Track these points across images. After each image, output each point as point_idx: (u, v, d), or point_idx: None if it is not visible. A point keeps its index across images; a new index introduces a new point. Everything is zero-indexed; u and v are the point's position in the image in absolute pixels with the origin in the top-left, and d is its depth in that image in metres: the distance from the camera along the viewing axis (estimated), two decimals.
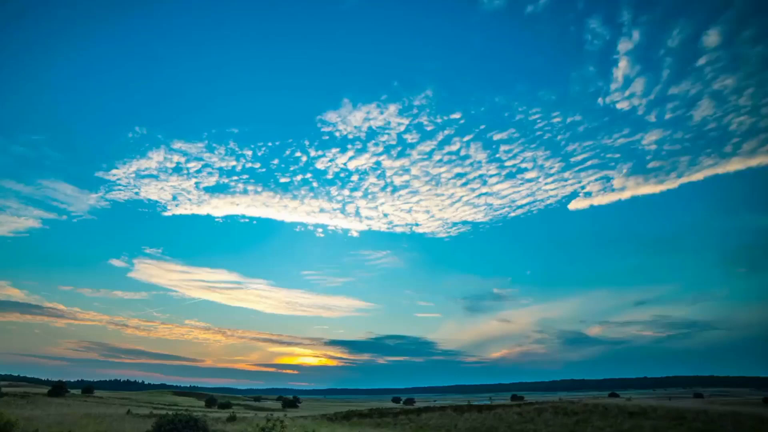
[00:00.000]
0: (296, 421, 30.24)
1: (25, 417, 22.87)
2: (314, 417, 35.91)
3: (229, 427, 24.12)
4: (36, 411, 28.90)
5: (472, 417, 29.79)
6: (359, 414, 36.33)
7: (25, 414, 25.17)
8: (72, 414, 27.94)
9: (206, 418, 22.82)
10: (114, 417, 27.63)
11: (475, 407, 35.33)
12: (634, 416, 26.21)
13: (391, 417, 33.08)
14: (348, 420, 33.20)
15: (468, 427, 27.22)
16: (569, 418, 27.20)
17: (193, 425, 17.53)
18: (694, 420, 24.32)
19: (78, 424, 22.22)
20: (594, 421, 25.67)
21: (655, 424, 23.80)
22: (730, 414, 25.64)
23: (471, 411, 32.48)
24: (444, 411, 33.82)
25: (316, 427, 26.56)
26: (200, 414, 28.01)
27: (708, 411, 26.89)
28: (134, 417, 28.61)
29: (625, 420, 25.28)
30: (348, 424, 31.09)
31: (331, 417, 35.31)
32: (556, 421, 26.64)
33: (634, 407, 29.14)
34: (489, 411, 31.85)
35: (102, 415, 28.64)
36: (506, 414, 29.83)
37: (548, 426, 25.52)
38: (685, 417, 25.08)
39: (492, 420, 28.32)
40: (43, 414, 26.61)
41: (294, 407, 65.45)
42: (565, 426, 25.18)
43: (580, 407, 30.14)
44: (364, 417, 34.55)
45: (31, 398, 39.78)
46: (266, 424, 17.00)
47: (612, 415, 27.02)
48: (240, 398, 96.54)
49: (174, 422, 17.21)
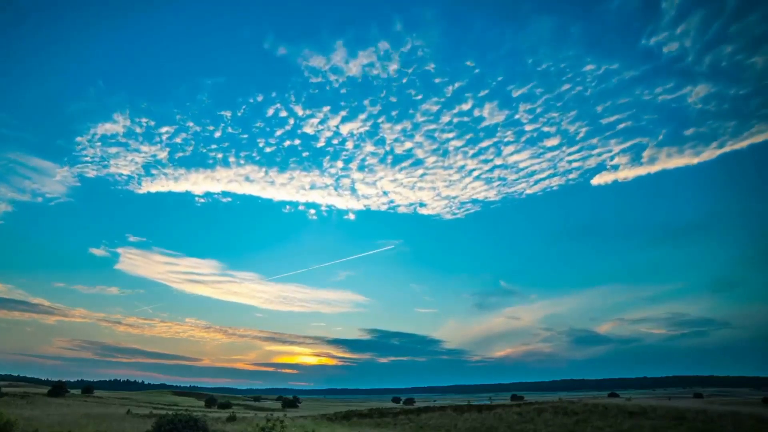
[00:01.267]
0: (296, 421, 30.24)
1: (25, 417, 22.86)
2: (314, 417, 35.91)
3: (229, 427, 24.11)
4: (36, 411, 28.88)
5: (472, 417, 29.79)
6: (359, 414, 36.34)
7: (24, 414, 25.16)
8: (72, 414, 27.95)
9: (206, 418, 22.81)
10: (114, 417, 27.63)
11: (475, 407, 35.33)
12: (634, 416, 26.22)
13: (391, 417, 33.09)
14: (348, 420, 33.21)
15: (468, 427, 27.23)
16: (569, 418, 27.21)
17: (193, 425, 17.53)
18: (693, 420, 24.33)
19: (78, 424, 22.21)
20: (594, 421, 25.68)
21: (655, 424, 23.81)
22: (729, 414, 25.64)
23: (471, 411, 32.49)
24: (444, 411, 33.82)
25: (316, 427, 26.57)
26: (200, 414, 28.01)
27: (708, 411, 26.89)
28: (134, 417, 28.61)
29: (625, 420, 25.29)
30: (348, 424, 31.10)
31: (331, 417, 35.31)
32: (555, 421, 26.64)
33: (634, 407, 29.14)
34: (489, 411, 31.85)
35: (102, 415, 28.64)
36: (506, 414, 29.83)
37: (548, 426, 25.53)
38: (685, 417, 25.09)
39: (492, 420, 28.32)
40: (42, 414, 26.60)
41: (294, 407, 65.44)
42: (564, 426, 25.18)
43: (580, 407, 30.14)
44: (363, 417, 34.56)
45: (30, 398, 39.76)
46: (266, 424, 17.01)
47: (612, 415, 27.02)
48: (240, 398, 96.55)
49: (174, 422, 17.21)
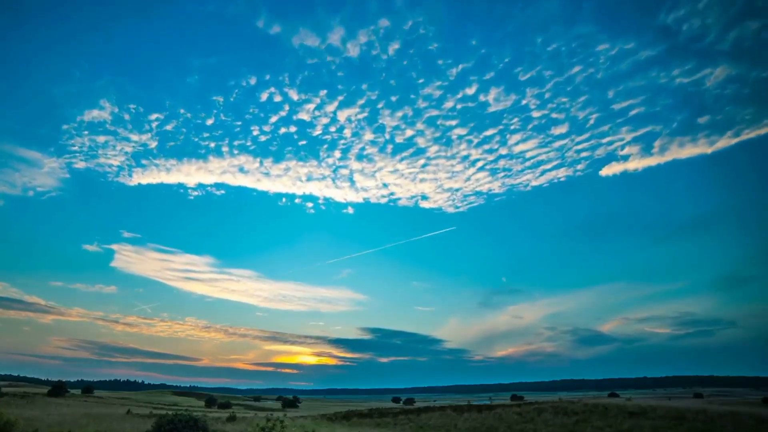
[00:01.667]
0: (296, 421, 30.25)
1: (25, 417, 22.86)
2: (314, 417, 35.92)
3: (229, 427, 24.11)
4: (36, 411, 28.88)
5: (472, 417, 29.80)
6: (359, 414, 36.35)
7: (24, 414, 25.16)
8: (72, 414, 27.95)
9: (206, 418, 22.82)
10: (114, 417, 27.65)
11: (475, 407, 35.33)
12: (634, 416, 26.22)
13: (391, 417, 33.09)
14: (348, 420, 33.22)
15: (468, 427, 27.23)
16: (569, 418, 27.21)
17: (193, 425, 17.54)
18: (693, 420, 24.33)
19: (78, 424, 22.21)
20: (594, 421, 25.68)
21: (654, 424, 23.81)
22: (729, 414, 25.64)
23: (471, 411, 32.49)
24: (444, 411, 33.83)
25: (316, 427, 26.57)
26: (200, 414, 28.02)
27: (707, 411, 26.89)
28: (134, 417, 28.62)
29: (625, 420, 25.30)
30: (348, 424, 31.11)
31: (331, 417, 35.32)
32: (555, 421, 26.65)
33: (634, 407, 29.14)
34: (489, 411, 31.85)
35: (102, 415, 28.65)
36: (506, 414, 29.83)
37: (548, 426, 25.54)
38: (685, 417, 25.10)
39: (492, 420, 28.33)
40: (42, 414, 26.61)
41: (294, 407, 65.45)
42: (564, 426, 25.19)
43: (580, 407, 30.14)
44: (363, 417, 34.57)
45: (30, 398, 39.75)
46: (266, 424, 16.97)
47: (612, 414, 27.03)
48: (240, 398, 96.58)
49: (174, 422, 17.22)
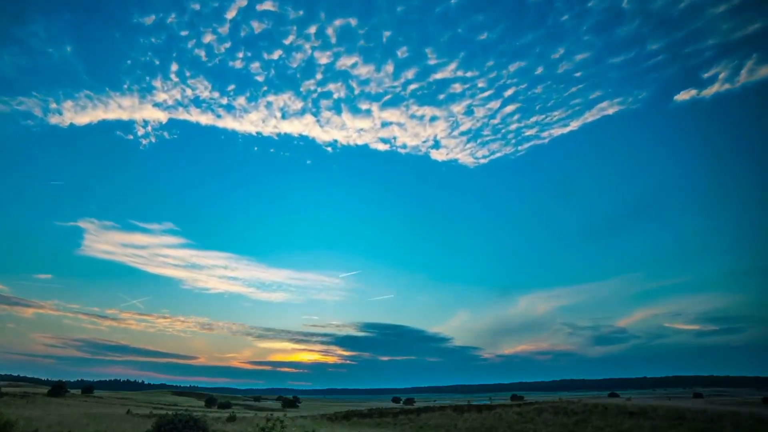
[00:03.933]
0: (296, 421, 30.26)
1: (25, 417, 22.86)
2: (314, 417, 35.93)
3: (229, 427, 24.12)
4: (36, 411, 28.88)
5: (472, 417, 29.79)
6: (359, 414, 36.35)
7: (24, 414, 25.16)
8: (72, 414, 27.95)
9: (206, 418, 22.83)
10: (114, 417, 27.64)
11: (475, 407, 35.33)
12: (634, 416, 26.21)
13: (391, 417, 33.09)
14: (348, 420, 33.22)
15: (468, 427, 27.23)
16: (569, 418, 27.21)
17: (193, 425, 17.53)
18: (693, 420, 24.32)
19: (78, 424, 22.21)
20: (594, 421, 25.68)
21: (654, 424, 23.81)
22: (729, 414, 25.64)
23: (471, 411, 32.48)
24: (444, 411, 33.82)
25: (316, 426, 26.58)
26: (200, 414, 28.03)
27: (708, 411, 26.88)
28: (134, 417, 28.62)
29: (625, 420, 25.29)
30: (348, 424, 31.11)
31: (331, 417, 35.32)
32: (555, 421, 26.65)
33: (634, 407, 29.13)
34: (489, 411, 31.85)
35: (102, 415, 28.65)
36: (506, 414, 29.83)
37: (548, 426, 25.54)
38: (685, 417, 25.09)
39: (492, 420, 28.33)
40: (42, 414, 26.60)
41: (294, 407, 65.45)
42: (564, 426, 25.19)
43: (580, 407, 30.13)
44: (364, 417, 34.57)
45: (30, 398, 39.75)
46: (266, 424, 16.96)
47: (612, 414, 27.02)
48: (240, 398, 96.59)
49: (174, 422, 17.21)
